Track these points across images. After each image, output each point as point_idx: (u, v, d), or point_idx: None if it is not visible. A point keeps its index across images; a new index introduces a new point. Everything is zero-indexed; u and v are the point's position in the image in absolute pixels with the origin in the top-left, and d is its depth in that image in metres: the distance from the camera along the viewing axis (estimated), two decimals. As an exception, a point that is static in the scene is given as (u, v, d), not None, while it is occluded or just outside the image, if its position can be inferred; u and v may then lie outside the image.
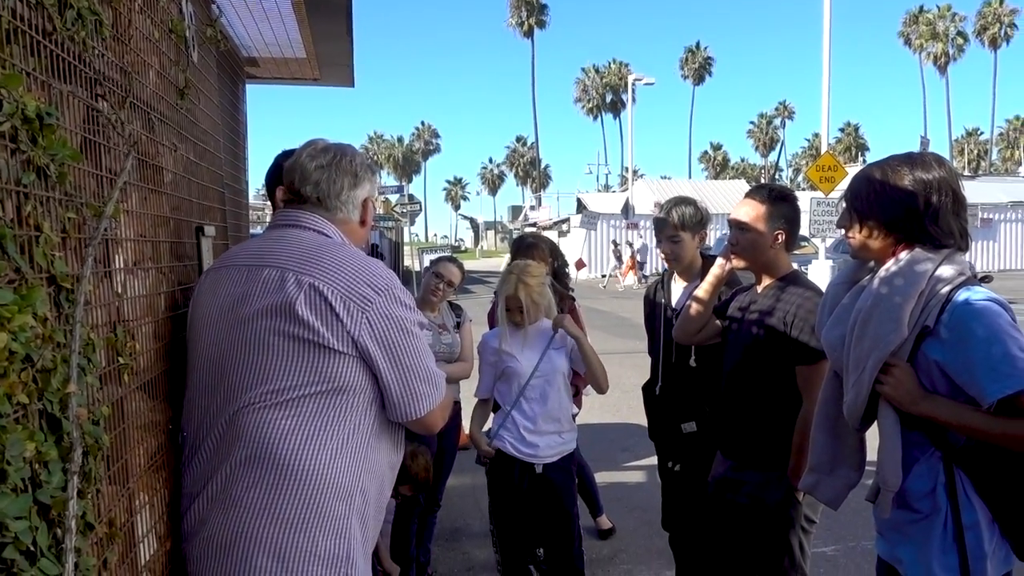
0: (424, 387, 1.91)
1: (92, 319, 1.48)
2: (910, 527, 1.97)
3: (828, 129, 18.28)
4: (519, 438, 3.45)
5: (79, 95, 1.47)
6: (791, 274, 2.90)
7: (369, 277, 1.85)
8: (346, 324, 1.80)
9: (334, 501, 1.83)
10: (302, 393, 1.81)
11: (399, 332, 1.86)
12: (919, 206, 1.93)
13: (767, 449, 2.79)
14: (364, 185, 2.09)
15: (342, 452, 1.85)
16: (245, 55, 4.80)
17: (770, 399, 2.80)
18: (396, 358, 1.86)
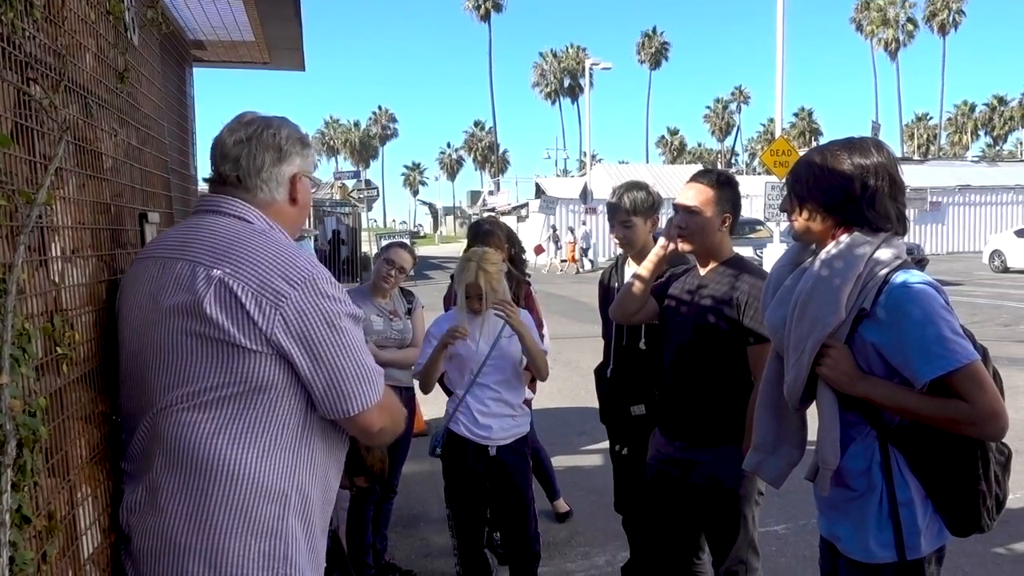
0: (352, 385, 1.77)
1: (28, 308, 1.45)
2: (847, 504, 2.02)
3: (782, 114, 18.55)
4: (472, 420, 3.46)
5: (9, 79, 1.43)
6: (735, 257, 2.97)
7: (285, 269, 1.71)
8: (258, 322, 1.67)
9: (266, 503, 1.74)
10: (221, 394, 1.71)
11: (320, 327, 1.72)
12: (856, 190, 1.97)
13: (720, 427, 2.86)
14: (291, 160, 1.92)
15: (271, 453, 1.75)
16: (191, 38, 4.70)
17: (721, 378, 2.86)
18: (317, 355, 1.72)
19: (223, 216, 1.84)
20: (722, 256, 2.94)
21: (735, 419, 2.82)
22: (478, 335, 3.49)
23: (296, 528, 1.80)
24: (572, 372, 9.48)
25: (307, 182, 1.99)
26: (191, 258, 1.74)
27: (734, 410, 2.83)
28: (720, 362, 2.85)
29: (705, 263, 2.97)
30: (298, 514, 1.80)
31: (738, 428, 2.81)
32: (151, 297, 1.77)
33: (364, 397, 1.79)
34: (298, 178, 1.95)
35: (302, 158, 1.96)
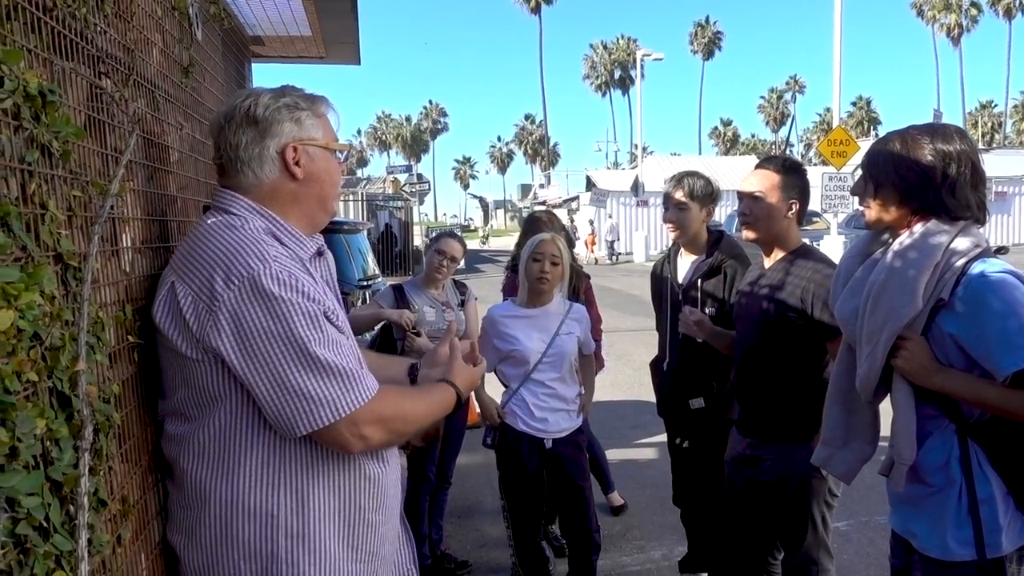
0: (296, 402, 1.52)
1: (101, 298, 1.48)
2: (924, 501, 1.96)
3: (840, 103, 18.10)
4: (528, 413, 3.45)
5: (82, 72, 1.46)
6: (802, 247, 2.88)
7: (227, 266, 1.53)
8: (192, 328, 1.53)
9: (246, 523, 1.60)
10: (185, 409, 1.63)
11: (257, 332, 1.51)
12: (937, 176, 1.91)
13: (789, 423, 2.80)
14: (277, 130, 1.68)
15: (242, 470, 1.60)
16: (250, 34, 4.77)
17: (789, 374, 2.79)
18: (255, 364, 1.51)
19: (212, 213, 1.71)
20: (789, 246, 2.86)
21: (805, 415, 2.74)
22: (530, 331, 3.46)
23: (292, 550, 1.62)
24: (625, 365, 9.41)
25: (312, 151, 1.72)
26: (172, 264, 1.66)
27: (804, 406, 2.75)
28: (787, 357, 2.78)
29: (770, 252, 2.89)
30: (294, 535, 1.62)
31: (808, 425, 2.73)
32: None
33: (315, 413, 1.53)
34: (292, 148, 1.69)
35: (295, 124, 1.70)
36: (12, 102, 1.11)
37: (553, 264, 3.41)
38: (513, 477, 3.55)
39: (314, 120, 1.73)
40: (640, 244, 30.89)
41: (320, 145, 1.74)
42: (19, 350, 1.08)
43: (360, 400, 1.57)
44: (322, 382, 1.53)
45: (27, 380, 1.10)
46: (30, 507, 1.06)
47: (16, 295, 1.05)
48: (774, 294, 2.79)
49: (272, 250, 1.59)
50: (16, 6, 1.19)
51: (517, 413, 3.48)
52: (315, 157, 1.73)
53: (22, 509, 1.05)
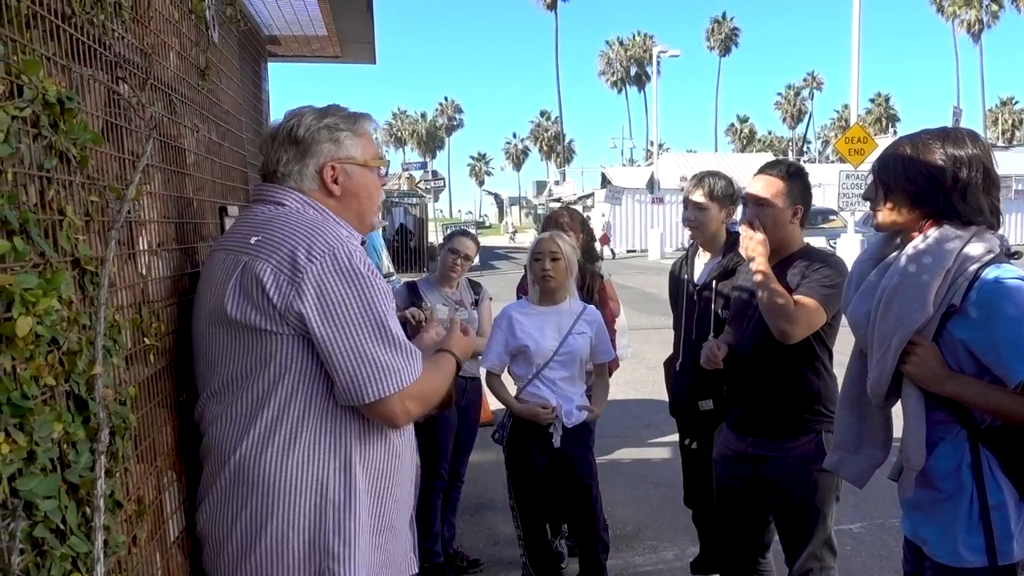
0: (370, 369, 1.66)
1: (117, 301, 1.50)
2: (935, 506, 1.95)
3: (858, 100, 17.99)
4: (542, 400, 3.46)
5: (99, 78, 1.48)
6: (804, 248, 2.90)
7: (307, 243, 1.66)
8: (274, 300, 1.64)
9: (296, 497, 1.69)
10: (242, 386, 1.71)
11: (340, 301, 1.65)
12: (947, 181, 1.89)
13: (794, 420, 2.82)
14: (317, 150, 1.84)
15: (294, 446, 1.70)
16: (266, 33, 4.80)
17: (792, 371, 2.81)
18: (337, 329, 1.64)
19: (262, 204, 1.85)
20: (792, 248, 2.88)
21: (809, 409, 2.79)
22: (542, 329, 3.47)
23: (340, 520, 1.72)
24: (639, 364, 9.40)
25: (349, 169, 1.86)
26: (228, 247, 1.78)
27: (807, 402, 2.79)
28: (789, 355, 2.79)
29: (774, 256, 2.90)
30: (341, 506, 1.73)
31: (813, 421, 2.78)
32: (201, 288, 1.83)
33: (385, 382, 1.68)
34: (330, 167, 1.85)
35: (334, 144, 1.85)
36: (31, 111, 1.13)
37: (553, 260, 3.42)
38: (520, 476, 3.56)
39: (354, 139, 1.88)
40: (655, 241, 30.83)
41: (358, 163, 1.88)
42: (37, 355, 1.10)
43: (415, 374, 1.73)
44: (393, 353, 1.69)
45: (45, 384, 1.12)
46: (47, 510, 1.08)
47: (34, 301, 1.07)
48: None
49: (344, 231, 1.77)
50: (35, 15, 1.21)
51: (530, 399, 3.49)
52: (353, 175, 1.88)
53: (39, 512, 1.07)
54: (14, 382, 1.04)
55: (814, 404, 2.79)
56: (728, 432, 3.05)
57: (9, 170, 1.06)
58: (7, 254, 1.04)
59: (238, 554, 1.72)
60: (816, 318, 2.70)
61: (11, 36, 1.11)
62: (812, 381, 2.80)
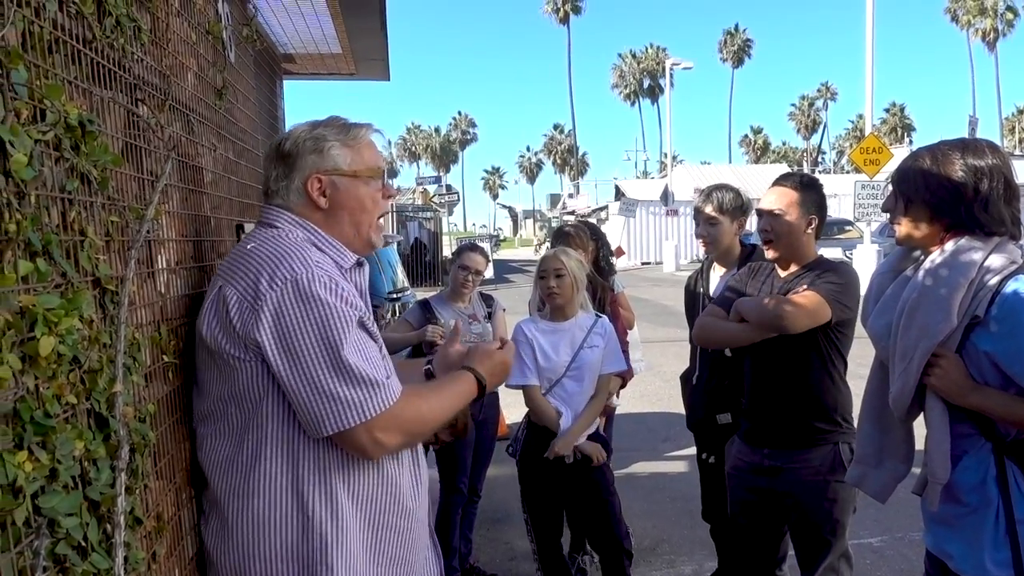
0: (324, 402, 1.58)
1: (137, 319, 1.52)
2: (959, 521, 1.93)
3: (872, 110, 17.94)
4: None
5: (119, 100, 1.51)
6: (818, 259, 2.90)
7: (272, 269, 1.61)
8: (236, 326, 1.61)
9: (282, 529, 1.66)
10: (220, 412, 1.70)
11: (295, 330, 1.58)
12: (968, 192, 1.89)
13: (810, 431, 2.81)
14: (302, 164, 1.77)
15: (278, 476, 1.66)
16: (282, 52, 4.85)
17: (807, 382, 2.80)
18: (292, 362, 1.58)
19: (260, 226, 1.83)
20: (806, 259, 2.88)
21: (825, 422, 2.78)
22: (556, 345, 3.47)
23: (328, 552, 1.67)
24: (655, 377, 9.36)
25: (336, 180, 1.78)
26: (219, 270, 1.76)
27: (823, 413, 2.79)
28: (804, 366, 2.78)
29: (787, 267, 2.90)
30: (329, 537, 1.67)
31: (829, 432, 2.78)
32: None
33: (342, 416, 1.59)
34: (316, 179, 1.77)
35: (318, 155, 1.77)
36: (53, 134, 1.15)
37: (558, 276, 3.42)
38: (534, 489, 3.55)
39: (342, 150, 1.79)
40: (670, 254, 30.75)
41: (346, 174, 1.79)
42: (59, 374, 1.11)
43: (382, 406, 1.62)
44: (350, 386, 1.58)
45: (67, 403, 1.13)
46: (69, 527, 1.09)
47: (57, 321, 1.09)
48: None
49: (314, 256, 1.68)
50: (57, 40, 1.24)
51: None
52: (341, 186, 1.79)
53: (61, 529, 1.08)
54: (37, 401, 1.05)
55: (830, 414, 2.79)
56: (741, 444, 3.04)
57: (32, 193, 1.07)
58: (30, 275, 1.06)
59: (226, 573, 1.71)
60: (818, 309, 2.67)
61: (34, 61, 1.13)
62: (827, 391, 2.80)
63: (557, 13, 79.08)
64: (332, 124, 1.82)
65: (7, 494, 0.95)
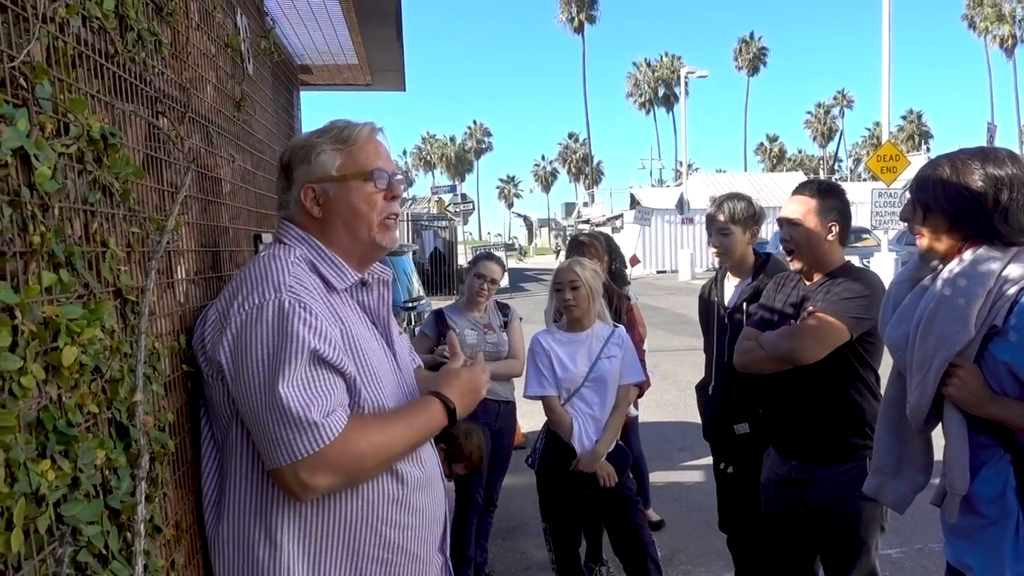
0: (262, 437, 1.52)
1: (156, 328, 1.54)
2: (979, 532, 1.91)
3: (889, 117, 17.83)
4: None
5: (141, 113, 1.53)
6: (844, 266, 2.86)
7: (248, 291, 1.57)
8: (207, 344, 1.60)
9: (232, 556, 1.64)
10: (207, 432, 1.70)
11: (248, 357, 1.52)
12: (988, 202, 1.88)
13: (837, 444, 2.76)
14: (298, 174, 1.75)
15: (229, 501, 1.64)
16: (299, 63, 4.89)
17: (835, 393, 2.76)
18: (241, 389, 1.53)
19: (272, 241, 1.81)
20: (831, 266, 2.84)
21: (855, 435, 2.73)
22: (573, 355, 3.47)
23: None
24: (671, 385, 9.34)
25: (327, 187, 1.72)
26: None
27: (853, 426, 2.73)
28: (832, 376, 2.75)
29: (811, 276, 2.88)
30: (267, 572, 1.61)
31: (860, 446, 2.71)
32: None
33: (273, 454, 1.51)
34: (309, 189, 1.73)
35: (307, 164, 1.73)
36: (77, 147, 1.17)
37: (573, 289, 3.43)
38: (553, 498, 3.54)
39: (331, 155, 1.72)
40: (685, 262, 30.68)
41: (334, 179, 1.72)
42: (81, 383, 1.13)
43: (311, 447, 1.49)
44: (278, 423, 1.49)
45: (88, 412, 1.15)
46: (90, 535, 1.11)
47: (79, 331, 1.10)
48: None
49: (295, 280, 1.60)
50: (81, 54, 1.26)
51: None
52: (331, 192, 1.72)
53: (83, 537, 1.09)
54: (60, 410, 1.07)
55: (861, 427, 2.72)
56: (774, 455, 3.01)
57: (56, 205, 1.09)
58: (54, 285, 1.08)
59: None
60: (830, 334, 2.65)
61: (58, 76, 1.15)
62: (857, 403, 2.74)
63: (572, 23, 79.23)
64: (328, 130, 1.77)
65: (31, 502, 0.97)
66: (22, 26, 1.07)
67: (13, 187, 1.00)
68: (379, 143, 1.79)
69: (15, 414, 0.94)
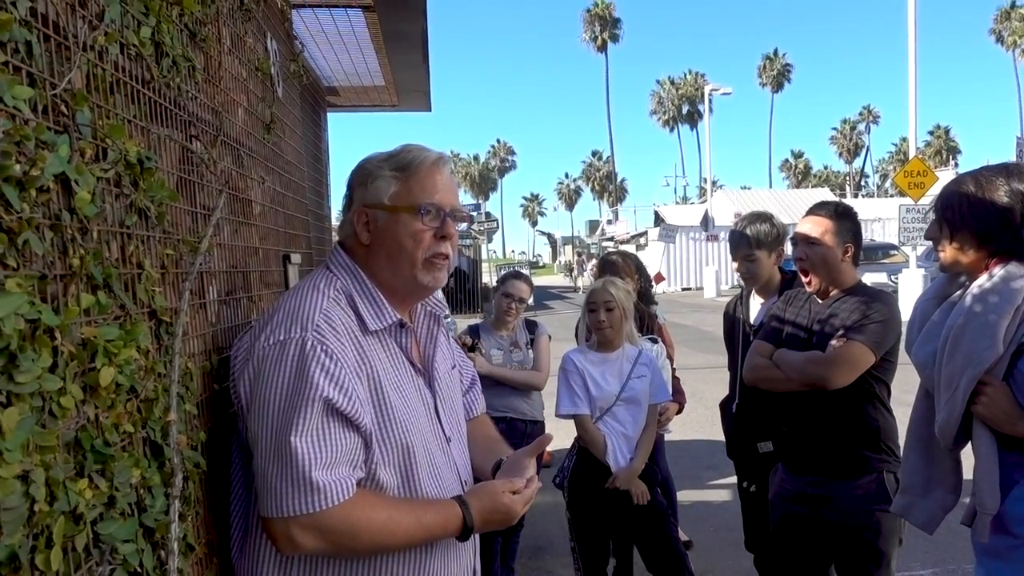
0: (260, 482, 1.48)
1: (189, 348, 1.56)
2: (1012, 553, 1.88)
3: (916, 133, 17.70)
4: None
5: (175, 137, 1.56)
6: (857, 285, 2.88)
7: (277, 323, 1.55)
8: (234, 373, 1.59)
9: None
10: (234, 455, 1.68)
11: (264, 396, 1.48)
12: (1016, 218, 1.86)
13: (853, 459, 2.76)
14: (356, 199, 1.71)
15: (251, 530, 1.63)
16: (326, 85, 4.96)
17: (849, 408, 2.76)
18: (255, 426, 1.50)
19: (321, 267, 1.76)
20: (844, 285, 2.86)
21: (870, 449, 2.73)
22: (603, 374, 3.47)
23: None
24: (698, 403, 9.25)
25: (377, 214, 1.66)
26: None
27: (868, 440, 2.74)
28: (848, 392, 2.74)
29: (826, 295, 2.88)
30: None
31: (875, 460, 2.72)
32: None
33: (265, 501, 1.47)
34: (362, 213, 1.68)
35: (363, 188, 1.69)
36: (115, 171, 1.20)
37: (608, 310, 3.43)
38: (583, 517, 3.53)
39: (389, 182, 1.66)
40: (711, 279, 30.53)
41: (385, 207, 1.65)
42: (117, 403, 1.15)
43: (309, 507, 1.45)
44: (280, 476, 1.45)
45: (124, 431, 1.17)
46: (126, 553, 1.12)
47: (115, 352, 1.13)
48: (827, 329, 2.78)
49: (325, 318, 1.55)
50: (118, 81, 1.29)
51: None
52: (379, 221, 1.66)
53: (119, 556, 1.11)
54: (97, 430, 1.09)
55: (876, 442, 2.74)
56: (784, 472, 3.00)
57: (95, 228, 1.12)
58: (91, 307, 1.10)
59: None
60: (860, 361, 2.67)
61: (97, 103, 1.18)
62: (872, 418, 2.75)
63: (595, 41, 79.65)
64: (396, 153, 1.70)
65: (69, 520, 0.99)
66: (63, 54, 1.10)
67: (54, 211, 1.03)
68: (441, 175, 1.69)
69: (55, 434, 0.96)
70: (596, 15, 78.74)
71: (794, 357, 2.82)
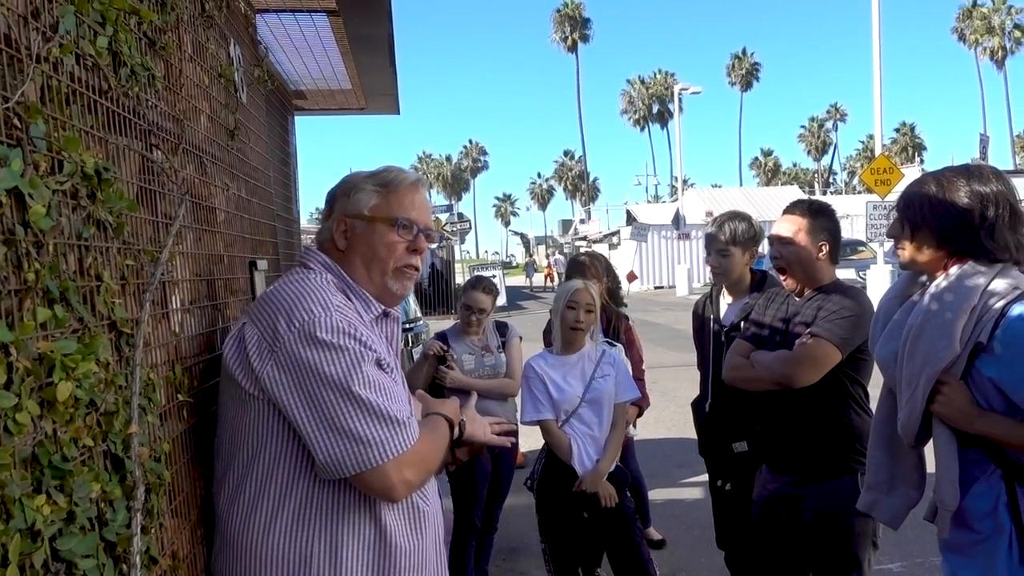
0: (346, 442, 1.57)
1: (152, 359, 1.55)
2: (973, 548, 1.92)
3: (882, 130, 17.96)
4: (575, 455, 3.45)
5: (134, 147, 1.55)
6: (832, 283, 2.90)
7: (290, 310, 1.64)
8: (254, 365, 1.63)
9: (282, 569, 1.64)
10: (233, 451, 1.71)
11: (309, 373, 1.59)
12: (975, 219, 1.90)
13: (829, 459, 2.77)
14: (337, 209, 1.87)
15: (278, 517, 1.65)
16: (293, 89, 4.93)
17: (826, 407, 2.78)
18: (308, 404, 1.59)
19: (296, 267, 1.88)
20: (821, 283, 2.88)
21: (845, 450, 2.74)
22: (564, 376, 3.49)
23: None
24: (669, 402, 9.33)
25: (355, 223, 1.83)
26: (247, 309, 1.80)
27: (844, 441, 2.75)
28: (823, 392, 2.76)
29: (803, 292, 2.91)
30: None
31: (850, 459, 2.73)
32: None
33: (366, 455, 1.58)
34: (342, 221, 1.84)
35: (346, 198, 1.86)
36: (71, 184, 1.19)
37: (588, 312, 3.46)
38: (552, 519, 3.54)
39: (370, 195, 1.84)
40: (683, 277, 30.73)
41: (364, 217, 1.83)
42: (76, 418, 1.14)
43: (406, 444, 1.63)
44: (370, 424, 1.59)
45: (83, 445, 1.16)
46: (86, 569, 1.11)
47: (73, 366, 1.11)
48: (802, 328, 2.80)
49: (336, 299, 1.70)
50: (74, 91, 1.28)
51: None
52: (357, 228, 1.83)
53: (78, 571, 1.10)
54: (55, 445, 1.08)
55: (852, 442, 2.74)
56: (766, 472, 3.02)
57: (50, 242, 1.11)
58: (48, 321, 1.09)
59: None
60: (825, 359, 2.69)
61: (52, 115, 1.17)
62: (848, 419, 2.76)
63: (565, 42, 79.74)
64: (378, 172, 1.90)
65: (26, 538, 0.98)
66: (16, 67, 1.09)
67: (8, 226, 1.02)
68: (418, 195, 1.89)
69: (10, 451, 0.95)
70: (566, 15, 78.86)
71: (765, 356, 2.85)
